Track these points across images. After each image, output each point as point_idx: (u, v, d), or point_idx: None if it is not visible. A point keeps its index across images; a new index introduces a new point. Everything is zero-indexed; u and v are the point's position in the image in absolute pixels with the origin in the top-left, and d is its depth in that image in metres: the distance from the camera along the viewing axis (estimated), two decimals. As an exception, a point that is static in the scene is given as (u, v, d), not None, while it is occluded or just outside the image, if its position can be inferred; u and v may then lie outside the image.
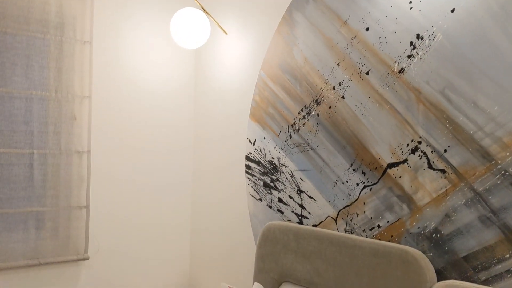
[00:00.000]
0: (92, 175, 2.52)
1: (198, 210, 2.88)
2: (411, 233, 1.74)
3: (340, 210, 2.00)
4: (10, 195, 2.24)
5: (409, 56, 1.74)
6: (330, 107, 2.03)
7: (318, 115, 2.08)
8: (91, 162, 2.50)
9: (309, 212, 2.14)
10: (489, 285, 1.51)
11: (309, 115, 2.13)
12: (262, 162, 2.37)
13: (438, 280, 1.64)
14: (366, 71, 1.89)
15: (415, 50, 1.73)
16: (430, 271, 1.59)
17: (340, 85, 1.99)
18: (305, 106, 2.15)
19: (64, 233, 2.40)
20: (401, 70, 1.77)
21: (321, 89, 2.07)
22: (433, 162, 1.67)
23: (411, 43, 1.74)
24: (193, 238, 2.91)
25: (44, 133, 2.33)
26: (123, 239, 2.65)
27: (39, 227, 2.33)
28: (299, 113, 2.18)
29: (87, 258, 2.46)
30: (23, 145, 2.28)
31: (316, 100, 2.10)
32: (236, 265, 2.56)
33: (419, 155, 1.71)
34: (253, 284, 2.11)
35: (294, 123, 2.20)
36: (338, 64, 2.00)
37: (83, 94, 2.44)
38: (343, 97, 1.98)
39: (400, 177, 1.77)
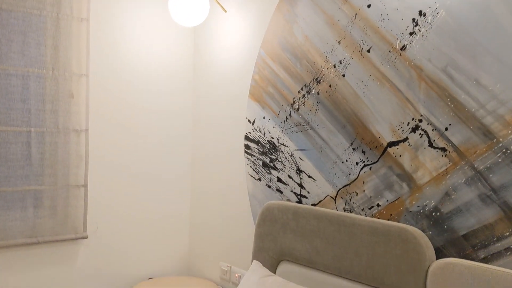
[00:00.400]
0: (90, 154, 2.51)
1: (197, 190, 2.87)
2: (410, 211, 1.73)
3: (340, 189, 1.99)
4: (8, 173, 2.23)
5: (411, 33, 1.72)
6: (330, 86, 2.01)
7: (318, 94, 2.06)
8: (89, 141, 2.48)
9: (308, 192, 2.13)
10: (488, 263, 1.51)
11: (309, 94, 2.11)
12: (261, 142, 2.36)
13: (437, 258, 1.64)
14: (367, 48, 1.86)
15: (417, 27, 1.70)
16: (429, 249, 1.59)
17: (340, 63, 1.97)
18: (305, 85, 2.13)
19: (62, 212, 2.39)
20: (403, 48, 1.74)
21: (322, 68, 2.05)
22: (434, 140, 1.65)
23: (413, 20, 1.71)
24: (192, 217, 2.91)
25: (41, 111, 2.31)
26: (121, 218, 2.65)
27: (37, 205, 2.32)
28: (299, 92, 2.15)
29: (86, 237, 2.46)
30: (20, 123, 2.26)
31: (316, 79, 2.07)
32: (235, 244, 2.57)
33: (420, 134, 1.69)
34: (251, 263, 2.11)
35: (294, 102, 2.18)
36: (339, 42, 1.98)
37: (81, 72, 2.41)
38: (343, 75, 1.96)
39: (400, 155, 1.76)
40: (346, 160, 1.96)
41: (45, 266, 2.40)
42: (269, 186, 2.32)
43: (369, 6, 1.86)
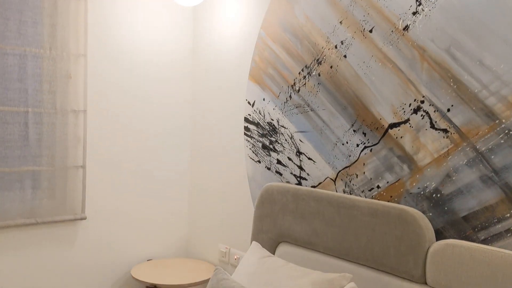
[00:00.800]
0: (89, 135, 2.49)
1: (196, 172, 2.86)
2: (410, 193, 1.73)
3: (340, 171, 1.98)
4: (5, 154, 2.21)
5: (414, 13, 1.69)
6: (331, 67, 1.99)
7: (319, 75, 2.04)
8: (87, 122, 2.46)
9: (308, 174, 2.12)
10: (488, 245, 1.51)
11: (310, 75, 2.08)
12: (261, 124, 2.34)
13: (437, 240, 1.64)
14: (370, 29, 1.84)
15: (420, 7, 1.68)
16: (429, 230, 1.59)
17: (342, 43, 1.94)
18: (306, 66, 2.10)
19: (60, 193, 2.38)
20: (406, 28, 1.72)
21: (323, 48, 2.02)
22: (436, 121, 1.64)
23: (417, -1, 1.69)
24: (191, 199, 2.91)
25: (38, 91, 2.28)
26: (120, 200, 2.64)
27: (36, 186, 2.31)
28: (299, 73, 2.13)
29: (85, 218, 2.45)
30: (18, 103, 2.23)
31: (317, 60, 2.05)
32: (234, 227, 2.57)
33: (422, 115, 1.68)
34: (250, 245, 2.11)
35: (294, 83, 2.16)
36: (340, 22, 1.95)
37: (78, 52, 2.38)
38: (345, 56, 1.94)
39: (401, 137, 1.75)
40: (347, 142, 1.94)
41: (43, 247, 2.39)
42: (269, 168, 2.31)
43: (371, -15, 1.83)
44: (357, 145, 1.90)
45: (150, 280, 2.38)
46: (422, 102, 1.68)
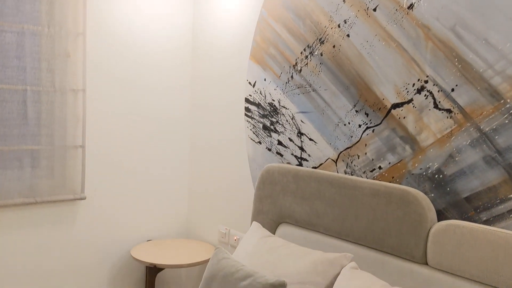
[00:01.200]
0: (88, 115, 2.47)
1: (196, 153, 2.85)
2: (412, 174, 1.72)
3: (341, 152, 1.97)
4: (4, 132, 2.19)
5: (419, -9, 1.66)
6: (334, 46, 1.96)
7: (322, 55, 2.02)
8: (86, 101, 2.44)
9: (309, 155, 2.11)
10: (490, 226, 1.50)
11: (312, 55, 2.06)
12: (262, 105, 2.32)
13: (439, 221, 1.63)
14: (373, 7, 1.81)
15: (426, -16, 1.64)
16: (431, 211, 1.58)
17: (345, 22, 1.91)
18: (308, 46, 2.07)
19: (60, 173, 2.37)
20: (410, 6, 1.69)
21: (326, 28, 1.99)
22: (439, 102, 1.62)
23: (423, -24, 1.65)
24: (191, 180, 2.90)
25: (37, 69, 2.26)
26: (120, 180, 2.63)
27: (35, 165, 2.30)
28: (301, 53, 2.11)
29: (84, 198, 2.44)
30: (16, 81, 2.21)
31: (320, 39, 2.02)
32: (234, 208, 2.56)
33: (425, 95, 1.66)
34: (250, 225, 2.11)
35: (296, 63, 2.13)
36: (344, 1, 1.92)
37: (77, 30, 2.35)
38: (348, 36, 1.91)
39: (404, 117, 1.73)
40: (349, 123, 1.93)
41: (43, 226, 2.39)
42: (269, 149, 2.29)
43: (376, -38, 1.79)
44: (359, 126, 1.89)
45: (150, 260, 2.38)
46: (426, 82, 1.65)
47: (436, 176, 1.64)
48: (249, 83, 2.39)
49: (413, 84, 1.69)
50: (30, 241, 2.36)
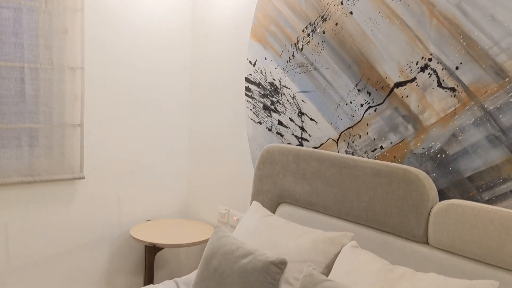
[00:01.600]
0: (86, 93, 2.44)
1: (195, 133, 2.83)
2: (414, 153, 1.70)
3: (342, 131, 1.95)
4: (1, 110, 2.17)
5: (425, -34, 1.63)
6: (336, 24, 1.93)
7: (324, 33, 1.98)
8: (84, 79, 2.41)
9: (309, 135, 2.09)
10: (492, 205, 1.49)
11: (314, 32, 2.02)
12: (263, 84, 2.30)
13: (440, 200, 1.62)
14: (378, -17, 1.77)
15: (432, -40, 1.61)
16: (432, 190, 1.57)
17: (348, -1, 1.88)
18: (310, 23, 2.04)
19: (58, 151, 2.35)
20: (416, -18, 1.65)
21: (328, 4, 1.96)
22: (443, 80, 1.60)
23: (429, -49, 1.61)
24: (191, 160, 2.88)
25: (34, 46, 2.22)
26: (119, 160, 2.61)
27: (33, 144, 2.28)
28: (303, 30, 2.07)
29: (83, 178, 2.43)
30: (13, 58, 2.17)
31: (322, 17, 1.99)
32: (233, 188, 2.55)
33: (429, 73, 1.63)
34: (250, 205, 2.10)
35: (297, 41, 2.10)
36: (347, -23, 1.88)
37: (75, 6, 2.30)
38: (351, 13, 1.87)
39: (407, 96, 1.71)
40: (350, 102, 1.90)
41: (42, 205, 2.38)
42: (270, 129, 2.27)
43: None
44: (361, 105, 1.86)
45: (149, 239, 2.37)
46: (430, 60, 1.63)
47: (439, 155, 1.62)
48: (250, 62, 2.36)
49: (417, 62, 1.67)
50: (29, 220, 2.35)
